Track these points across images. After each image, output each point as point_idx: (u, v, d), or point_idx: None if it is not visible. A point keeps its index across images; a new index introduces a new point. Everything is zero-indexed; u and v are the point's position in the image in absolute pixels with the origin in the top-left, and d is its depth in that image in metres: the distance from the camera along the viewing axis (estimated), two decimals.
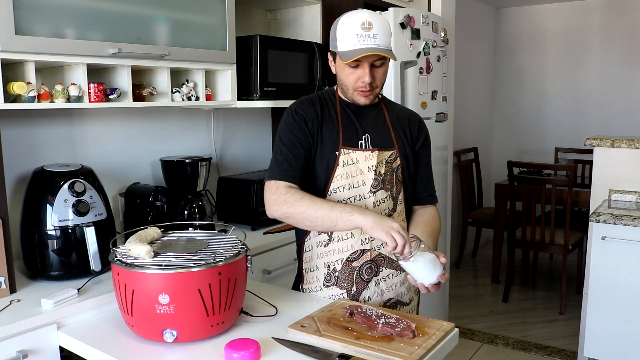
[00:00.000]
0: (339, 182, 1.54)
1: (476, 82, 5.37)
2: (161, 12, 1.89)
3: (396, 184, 1.60)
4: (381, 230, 1.36)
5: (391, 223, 1.38)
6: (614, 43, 5.10)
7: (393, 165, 1.59)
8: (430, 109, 2.91)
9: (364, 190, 1.55)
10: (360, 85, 1.51)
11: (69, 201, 1.64)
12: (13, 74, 1.62)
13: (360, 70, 1.50)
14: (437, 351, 1.25)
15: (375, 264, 1.58)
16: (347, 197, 1.55)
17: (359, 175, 1.55)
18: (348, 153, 1.54)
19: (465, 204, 4.84)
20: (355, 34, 1.46)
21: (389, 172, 1.58)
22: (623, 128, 5.07)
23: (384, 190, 1.57)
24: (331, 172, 1.54)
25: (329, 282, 1.59)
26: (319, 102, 1.60)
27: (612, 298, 2.51)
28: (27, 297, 1.53)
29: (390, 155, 1.59)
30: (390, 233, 1.36)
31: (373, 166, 1.55)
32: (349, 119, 1.59)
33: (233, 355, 1.16)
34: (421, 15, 2.78)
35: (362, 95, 1.54)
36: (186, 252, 1.31)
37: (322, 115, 1.57)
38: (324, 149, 1.55)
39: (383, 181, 1.57)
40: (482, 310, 3.91)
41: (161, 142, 2.35)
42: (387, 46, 1.49)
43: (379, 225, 1.37)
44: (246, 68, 2.27)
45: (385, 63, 1.52)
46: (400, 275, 1.62)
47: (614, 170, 2.86)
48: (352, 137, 1.57)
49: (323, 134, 1.56)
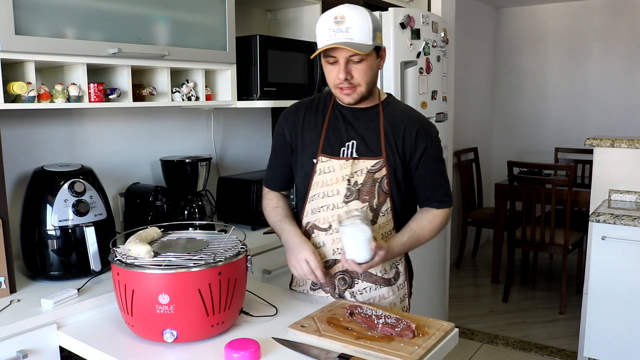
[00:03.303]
0: (315, 190, 1.54)
1: (476, 82, 5.37)
2: (161, 12, 1.89)
3: (379, 195, 1.52)
4: (290, 264, 1.52)
5: (298, 255, 1.49)
6: (614, 43, 5.10)
7: (376, 175, 1.51)
8: (430, 109, 2.91)
9: (337, 200, 1.52)
10: (338, 82, 1.45)
11: (69, 201, 1.64)
12: (13, 74, 1.62)
13: (337, 66, 1.43)
14: (437, 351, 1.25)
15: (348, 276, 1.56)
16: (321, 206, 1.54)
17: (334, 184, 1.52)
18: (325, 161, 1.52)
19: (465, 204, 4.84)
20: (328, 28, 1.40)
21: (369, 182, 1.51)
22: (623, 128, 5.07)
23: (360, 201, 1.51)
24: (310, 179, 1.54)
25: (315, 286, 1.61)
26: (306, 108, 1.59)
27: (612, 298, 2.51)
28: (27, 297, 1.53)
29: (374, 164, 1.51)
30: (298, 264, 1.48)
31: (346, 175, 1.50)
32: (336, 124, 1.55)
33: (233, 355, 1.16)
34: (421, 15, 2.78)
35: (343, 93, 1.47)
36: (186, 252, 1.31)
37: (304, 122, 1.57)
38: (304, 155, 1.56)
39: (359, 191, 1.51)
40: (482, 310, 3.91)
41: (161, 142, 2.35)
42: (364, 41, 1.39)
43: (289, 260, 1.52)
44: (246, 68, 2.27)
45: (365, 59, 1.42)
46: (380, 290, 1.57)
47: (614, 170, 2.86)
48: (334, 144, 1.53)
49: (304, 141, 1.56)
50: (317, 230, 1.55)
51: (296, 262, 1.49)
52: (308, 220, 1.58)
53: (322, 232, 1.55)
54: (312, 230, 1.57)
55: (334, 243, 1.53)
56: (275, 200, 1.67)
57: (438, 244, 3.16)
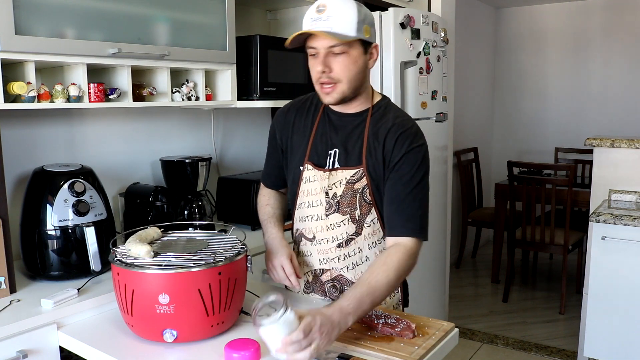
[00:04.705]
0: (302, 199, 1.49)
1: (476, 82, 5.37)
2: (161, 12, 1.89)
3: (361, 206, 1.42)
4: (267, 267, 1.51)
5: (275, 259, 1.47)
6: (614, 43, 5.10)
7: (356, 186, 1.41)
8: (430, 109, 2.91)
9: (320, 211, 1.46)
10: (317, 76, 1.33)
11: (69, 201, 1.63)
12: (13, 74, 1.62)
13: (317, 59, 1.32)
14: (437, 351, 1.25)
15: (339, 283, 1.52)
16: (306, 215, 1.50)
17: (317, 194, 1.45)
18: (310, 170, 1.46)
19: (465, 204, 4.84)
20: (310, 17, 1.31)
21: (349, 193, 1.41)
22: (623, 128, 5.07)
23: (340, 213, 1.43)
24: (297, 187, 1.50)
25: (308, 289, 1.59)
26: (297, 109, 1.53)
27: (612, 298, 2.51)
28: (27, 297, 1.53)
29: (353, 174, 1.40)
30: (274, 269, 1.48)
31: (324, 187, 1.43)
32: (324, 130, 1.46)
33: (233, 355, 1.16)
34: (421, 15, 2.78)
35: (323, 91, 1.35)
36: (186, 252, 1.31)
37: (294, 125, 1.51)
38: (293, 161, 1.52)
39: (339, 204, 1.43)
40: (482, 310, 3.91)
41: (161, 142, 2.35)
42: (345, 31, 1.27)
43: (266, 263, 1.51)
44: (246, 68, 2.27)
45: (348, 52, 1.30)
46: None
47: (614, 170, 2.86)
48: (320, 152, 1.45)
49: (293, 145, 1.51)
50: (304, 239, 1.53)
51: (272, 267, 1.49)
52: (297, 227, 1.55)
53: (308, 241, 1.52)
54: (300, 238, 1.55)
55: (319, 254, 1.50)
56: (267, 198, 1.66)
57: (438, 244, 3.16)
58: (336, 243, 1.47)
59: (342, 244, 1.46)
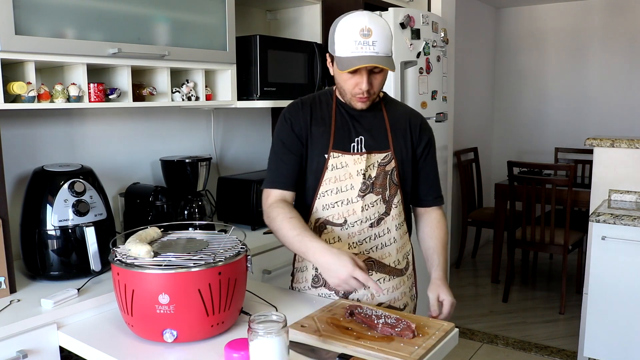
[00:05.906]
0: (327, 186, 1.54)
1: (476, 82, 5.37)
2: (161, 12, 1.89)
3: (390, 187, 1.57)
4: (334, 284, 1.39)
5: (340, 274, 1.34)
6: (614, 43, 5.10)
7: (387, 168, 1.56)
8: (430, 109, 2.91)
9: (352, 195, 1.53)
10: (358, 92, 1.49)
11: (69, 201, 1.64)
12: (13, 74, 1.62)
13: (358, 77, 1.46)
14: (437, 351, 1.25)
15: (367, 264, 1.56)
16: (335, 201, 1.54)
17: (347, 179, 1.53)
18: (337, 157, 1.53)
19: (465, 204, 4.84)
20: (354, 40, 1.41)
21: (381, 175, 1.55)
22: (623, 128, 5.07)
23: (374, 194, 1.55)
24: (320, 175, 1.54)
25: (316, 283, 1.60)
26: (310, 104, 1.59)
27: (612, 298, 2.51)
28: (27, 297, 1.53)
29: (383, 157, 1.56)
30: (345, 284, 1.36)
31: (362, 170, 1.53)
32: (343, 121, 1.57)
33: (233, 355, 1.16)
34: (421, 15, 2.78)
35: (360, 101, 1.52)
36: (186, 252, 1.31)
37: (312, 117, 1.56)
38: (314, 151, 1.55)
39: (373, 185, 1.54)
40: (482, 310, 3.91)
41: (161, 142, 2.35)
42: (387, 53, 1.45)
43: (329, 280, 1.39)
44: (246, 68, 2.27)
45: (384, 70, 1.48)
46: (393, 280, 1.60)
47: (614, 170, 2.86)
48: (344, 140, 1.55)
49: (313, 136, 1.55)
50: (331, 225, 1.55)
51: (342, 283, 1.37)
52: (319, 217, 1.56)
53: (336, 227, 1.55)
54: (324, 227, 1.56)
55: (349, 238, 1.54)
56: (288, 209, 1.50)
57: None
58: (369, 223, 1.55)
59: (373, 223, 1.56)
